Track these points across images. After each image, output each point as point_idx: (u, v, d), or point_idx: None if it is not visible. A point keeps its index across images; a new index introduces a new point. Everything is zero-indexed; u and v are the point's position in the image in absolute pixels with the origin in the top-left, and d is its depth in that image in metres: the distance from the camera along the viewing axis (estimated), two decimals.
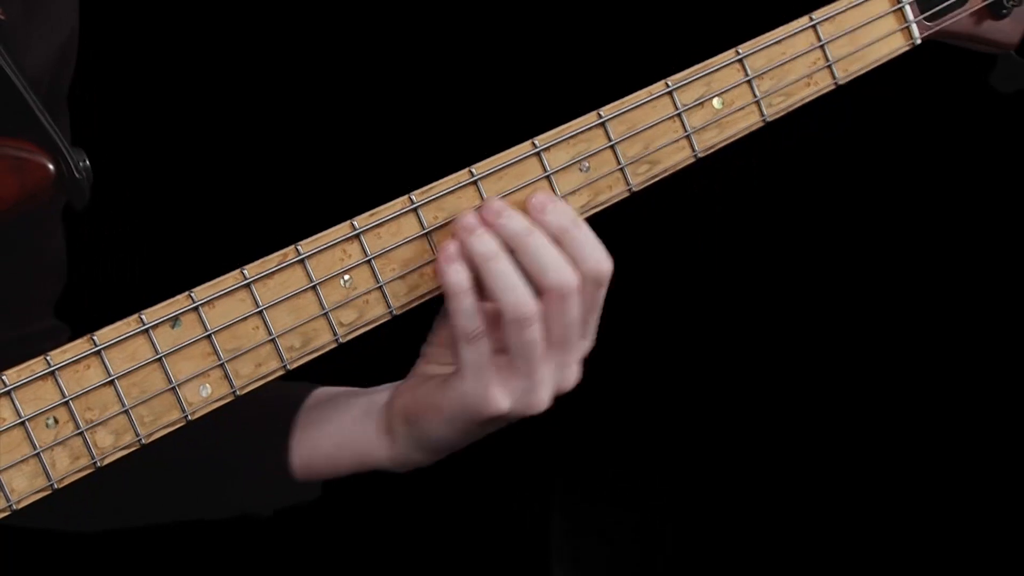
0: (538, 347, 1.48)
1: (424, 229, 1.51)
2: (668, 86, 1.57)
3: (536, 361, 1.48)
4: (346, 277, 1.49)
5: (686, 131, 1.58)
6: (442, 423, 1.52)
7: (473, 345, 1.48)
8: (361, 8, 2.80)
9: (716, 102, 1.58)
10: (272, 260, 1.48)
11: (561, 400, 1.54)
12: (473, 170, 1.52)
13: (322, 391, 1.61)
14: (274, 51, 2.80)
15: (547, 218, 1.49)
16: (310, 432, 1.59)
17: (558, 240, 1.49)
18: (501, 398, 1.49)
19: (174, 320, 1.45)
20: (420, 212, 1.51)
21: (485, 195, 1.52)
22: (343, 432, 1.58)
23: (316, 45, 2.81)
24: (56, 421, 1.42)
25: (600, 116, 1.55)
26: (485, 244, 1.48)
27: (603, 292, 1.50)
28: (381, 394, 1.57)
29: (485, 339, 1.48)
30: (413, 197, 1.51)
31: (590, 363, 1.54)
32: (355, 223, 1.49)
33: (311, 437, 1.59)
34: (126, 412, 1.44)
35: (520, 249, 1.48)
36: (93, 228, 2.47)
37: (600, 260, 1.49)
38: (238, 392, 1.47)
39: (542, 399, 1.50)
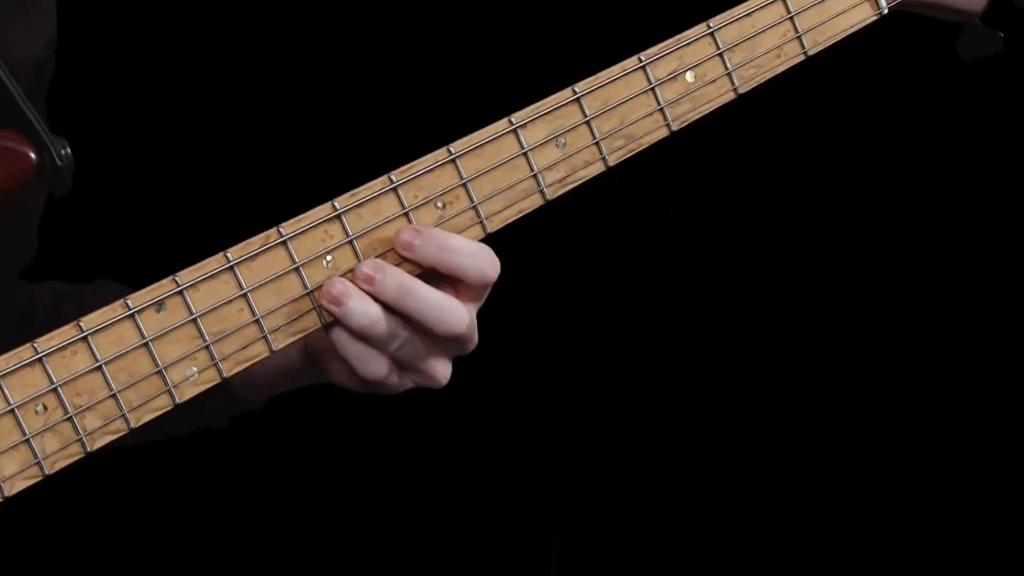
0: None
1: (404, 208, 1.53)
2: (641, 61, 1.59)
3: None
4: (328, 258, 1.51)
5: (660, 105, 1.59)
6: (351, 388, 1.58)
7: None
8: None
9: (689, 76, 1.60)
10: (255, 242, 1.49)
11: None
12: (451, 148, 1.54)
13: None
14: (251, 33, 2.80)
15: (417, 254, 1.52)
16: (256, 386, 1.64)
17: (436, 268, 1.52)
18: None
19: (159, 304, 1.46)
20: (400, 191, 1.52)
21: (464, 173, 1.54)
22: (285, 367, 1.63)
23: (292, 27, 2.81)
24: (45, 407, 1.44)
25: (575, 92, 1.57)
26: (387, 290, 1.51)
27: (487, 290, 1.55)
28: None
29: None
30: (392, 177, 1.53)
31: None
32: (336, 204, 1.51)
33: (252, 374, 1.61)
34: (114, 396, 1.45)
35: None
36: (75, 215, 2.49)
37: (484, 271, 1.53)
38: (225, 374, 1.48)
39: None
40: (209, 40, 2.78)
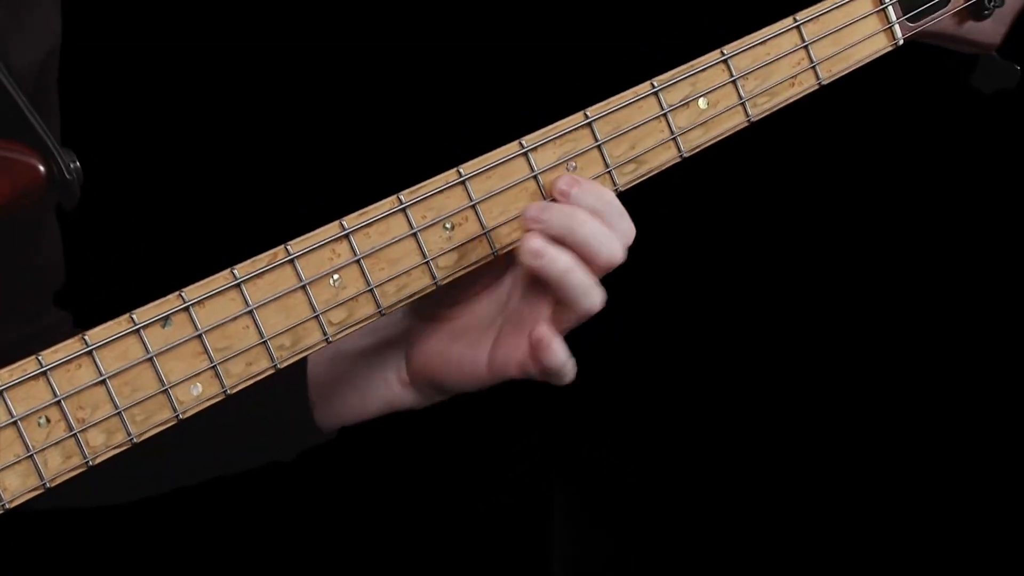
0: None
1: (413, 229, 1.52)
2: (654, 86, 1.58)
3: None
4: (335, 276, 1.51)
5: (672, 132, 1.59)
6: (475, 383, 1.58)
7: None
8: (349, 8, 2.81)
9: (701, 102, 1.60)
10: (262, 260, 1.49)
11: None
12: (461, 170, 1.54)
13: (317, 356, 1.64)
14: (263, 49, 2.80)
15: (572, 200, 1.54)
16: (330, 394, 1.63)
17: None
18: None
19: (165, 320, 1.46)
20: (408, 212, 1.52)
21: (473, 195, 1.54)
22: (365, 390, 1.62)
23: (304, 45, 2.82)
24: (48, 420, 1.43)
25: (587, 116, 1.57)
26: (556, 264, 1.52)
27: None
28: (394, 350, 1.61)
29: None
30: (402, 197, 1.52)
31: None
32: (344, 223, 1.51)
33: (333, 399, 1.63)
34: (118, 412, 1.45)
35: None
36: (83, 229, 2.49)
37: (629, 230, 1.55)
38: (229, 391, 1.48)
39: None
40: (220, 57, 2.78)
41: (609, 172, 1.57)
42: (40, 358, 1.42)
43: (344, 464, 2.92)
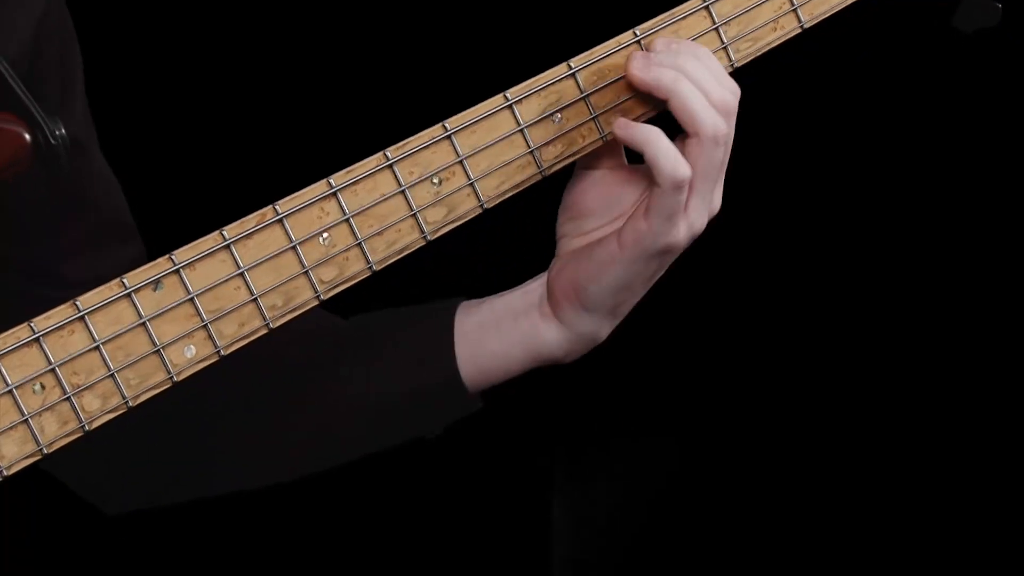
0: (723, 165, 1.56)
1: (401, 186, 1.53)
2: (636, 35, 1.59)
3: (719, 180, 1.55)
4: (325, 235, 1.51)
5: None
6: (612, 278, 1.56)
7: (679, 191, 1.53)
8: None
9: None
10: (251, 220, 1.49)
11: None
12: (446, 124, 1.54)
13: (468, 302, 1.64)
14: (244, 12, 2.80)
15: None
16: (474, 337, 1.62)
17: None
18: (682, 226, 1.55)
19: (156, 283, 1.47)
20: (395, 168, 1.53)
21: (460, 149, 1.54)
22: (508, 330, 1.61)
23: (288, 4, 2.81)
24: (43, 387, 1.44)
25: (570, 67, 1.57)
26: (665, 73, 1.54)
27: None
28: (534, 286, 1.61)
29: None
30: (388, 153, 1.53)
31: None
32: (332, 181, 1.51)
33: (477, 342, 1.61)
34: (112, 376, 1.45)
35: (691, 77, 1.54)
36: None
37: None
38: (222, 352, 1.48)
39: (704, 218, 1.57)
40: (201, 19, 2.77)
41: (595, 121, 1.58)
42: (33, 325, 1.43)
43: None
